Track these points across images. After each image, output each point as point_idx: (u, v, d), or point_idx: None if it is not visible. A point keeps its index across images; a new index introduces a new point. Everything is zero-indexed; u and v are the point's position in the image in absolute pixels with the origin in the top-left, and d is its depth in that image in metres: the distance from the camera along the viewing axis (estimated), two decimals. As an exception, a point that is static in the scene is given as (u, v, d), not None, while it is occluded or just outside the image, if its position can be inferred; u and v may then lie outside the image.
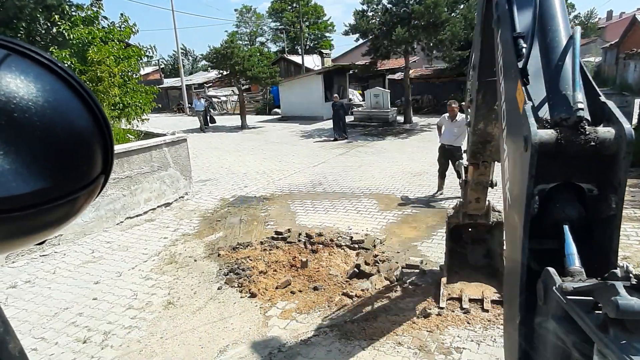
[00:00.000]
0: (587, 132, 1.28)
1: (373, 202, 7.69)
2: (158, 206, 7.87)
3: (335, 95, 15.98)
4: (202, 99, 21.01)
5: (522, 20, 1.70)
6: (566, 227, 1.31)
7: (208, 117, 21.15)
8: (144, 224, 7.19)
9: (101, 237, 6.59)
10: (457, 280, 4.37)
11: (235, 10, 78.65)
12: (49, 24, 12.95)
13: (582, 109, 1.30)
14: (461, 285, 4.31)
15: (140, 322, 4.21)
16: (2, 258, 5.61)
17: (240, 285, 4.80)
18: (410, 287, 4.58)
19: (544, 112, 1.42)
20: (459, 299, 4.13)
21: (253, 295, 4.55)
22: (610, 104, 1.35)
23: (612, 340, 0.89)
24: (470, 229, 4.58)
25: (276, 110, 25.44)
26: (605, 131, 1.29)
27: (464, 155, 4.12)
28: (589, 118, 1.32)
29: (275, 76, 20.67)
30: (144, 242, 6.37)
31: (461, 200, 4.38)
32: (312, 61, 33.93)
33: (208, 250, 5.91)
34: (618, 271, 1.18)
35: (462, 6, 17.01)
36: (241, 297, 4.58)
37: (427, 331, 3.78)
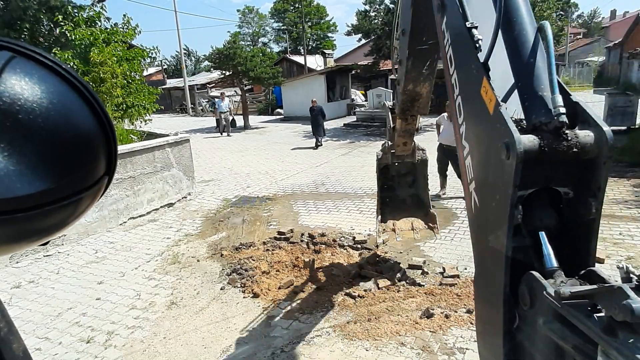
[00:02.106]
0: (569, 138, 1.21)
1: (376, 202, 7.66)
2: (161, 206, 7.89)
3: (314, 99, 15.37)
4: (225, 98, 19.11)
5: (471, 8, 1.56)
6: (542, 234, 1.26)
7: (231, 119, 19.66)
8: (147, 224, 7.21)
9: (104, 238, 6.61)
10: (389, 219, 4.97)
11: (238, 10, 78.85)
12: (52, 25, 12.99)
13: (563, 114, 1.23)
14: (393, 221, 4.93)
15: (144, 322, 4.22)
16: (6, 258, 5.64)
17: (243, 285, 4.80)
18: (412, 287, 4.58)
19: (515, 113, 1.33)
20: (393, 230, 4.79)
21: (256, 296, 4.56)
22: (584, 104, 1.28)
23: (624, 343, 0.88)
24: (396, 164, 5.05)
25: (279, 110, 25.47)
26: (585, 135, 1.22)
27: (387, 103, 4.60)
28: (567, 122, 1.25)
29: (277, 76, 20.69)
30: (147, 243, 6.39)
31: (389, 143, 4.77)
32: (314, 61, 33.95)
33: (211, 251, 5.92)
34: (598, 270, 1.16)
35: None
36: (244, 297, 4.59)
37: (430, 331, 3.78)
